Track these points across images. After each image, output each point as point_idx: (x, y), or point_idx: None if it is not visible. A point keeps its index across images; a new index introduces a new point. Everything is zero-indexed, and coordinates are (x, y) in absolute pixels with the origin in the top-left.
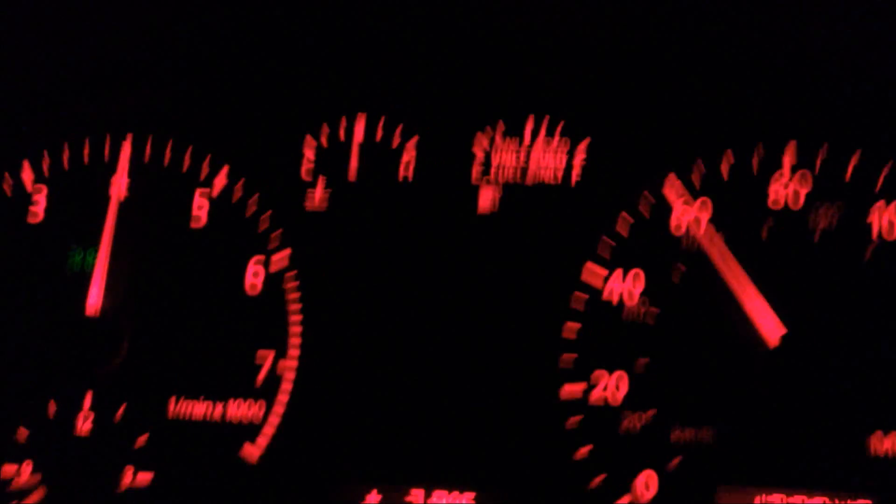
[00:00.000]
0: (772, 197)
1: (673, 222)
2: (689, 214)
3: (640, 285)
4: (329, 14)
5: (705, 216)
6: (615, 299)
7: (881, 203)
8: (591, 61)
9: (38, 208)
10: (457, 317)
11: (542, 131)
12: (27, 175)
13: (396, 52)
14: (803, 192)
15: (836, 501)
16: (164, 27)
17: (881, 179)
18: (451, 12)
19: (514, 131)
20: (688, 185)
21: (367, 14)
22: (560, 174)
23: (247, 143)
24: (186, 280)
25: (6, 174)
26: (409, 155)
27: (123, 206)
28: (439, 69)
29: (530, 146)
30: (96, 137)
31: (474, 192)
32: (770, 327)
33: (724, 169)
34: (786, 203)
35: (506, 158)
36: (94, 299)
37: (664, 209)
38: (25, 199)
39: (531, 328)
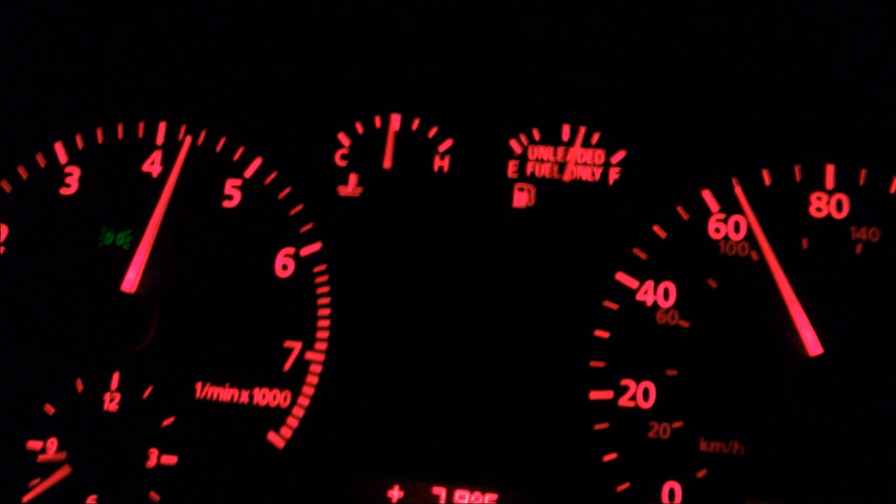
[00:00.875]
0: (811, 212)
1: (711, 229)
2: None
3: (674, 293)
4: (371, 11)
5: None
6: (649, 301)
7: None
8: (630, 72)
9: (71, 188)
10: (487, 313)
11: (578, 140)
12: (61, 154)
13: (434, 53)
14: (842, 213)
15: None
16: (205, 14)
17: None
18: (491, 18)
19: (550, 139)
20: (726, 196)
21: (409, 14)
22: (598, 172)
23: (281, 136)
24: (217, 267)
25: (39, 154)
26: (444, 146)
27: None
28: (477, 74)
29: (568, 145)
30: (132, 120)
31: (510, 186)
32: (813, 338)
33: (765, 182)
34: (825, 219)
35: (543, 154)
36: (133, 277)
37: (702, 216)
38: (58, 178)
39: (561, 328)
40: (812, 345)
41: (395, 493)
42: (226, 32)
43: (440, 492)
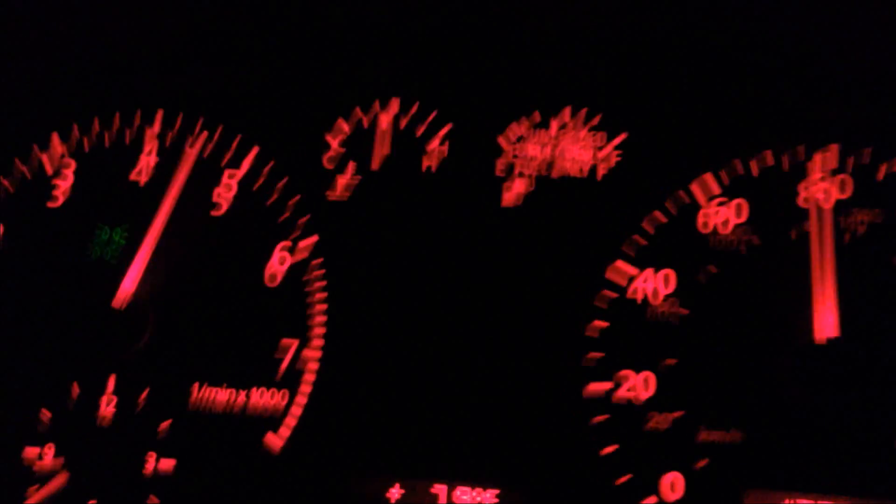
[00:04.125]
0: (803, 196)
1: (700, 221)
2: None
3: (670, 285)
4: (360, 10)
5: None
6: (640, 297)
7: None
8: (629, 57)
9: (62, 190)
10: (481, 311)
11: (575, 122)
12: (55, 152)
13: (430, 41)
14: (837, 195)
15: None
16: (198, 10)
17: None
18: (477, 15)
19: (539, 136)
20: (720, 184)
21: (396, 10)
22: (587, 168)
23: (272, 138)
24: (211, 267)
25: (32, 153)
26: (433, 145)
27: (154, 191)
28: (475, 58)
29: (557, 137)
30: (126, 118)
31: (499, 184)
32: (825, 323)
33: (757, 169)
34: (816, 205)
35: (532, 151)
36: (129, 283)
37: (693, 207)
38: (49, 179)
39: (558, 322)
40: (828, 328)
41: (395, 493)
42: (212, 35)
43: (440, 490)
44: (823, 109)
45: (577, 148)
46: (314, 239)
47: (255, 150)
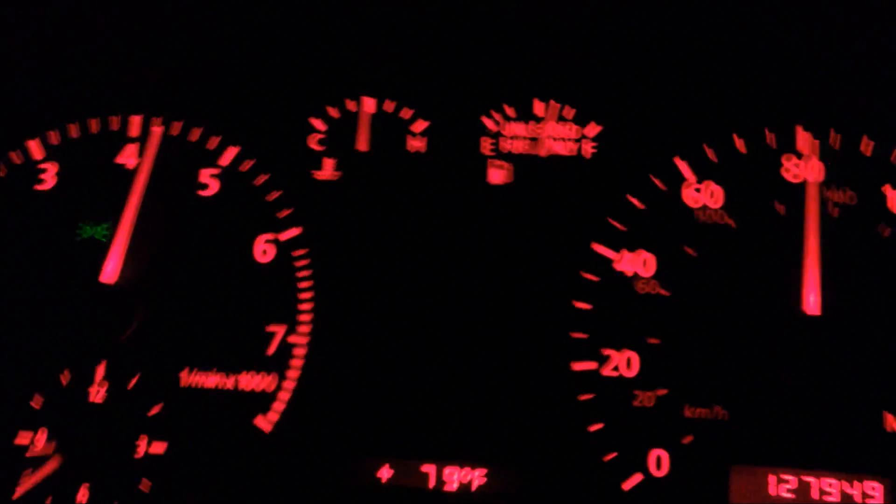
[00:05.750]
0: (792, 173)
1: (687, 197)
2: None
3: (652, 265)
4: None
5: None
6: (629, 272)
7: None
8: (601, 46)
9: (47, 183)
10: (468, 290)
11: (553, 115)
12: (37, 149)
13: (405, 34)
14: (821, 173)
15: (853, 483)
16: (177, 5)
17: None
18: None
19: (524, 115)
20: (701, 165)
21: None
22: (573, 146)
23: (256, 123)
24: (199, 253)
25: (16, 150)
26: (419, 126)
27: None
28: (448, 53)
29: (543, 120)
30: (106, 113)
31: (485, 163)
32: (812, 298)
33: (737, 148)
34: (800, 183)
35: (517, 130)
36: (112, 268)
37: (678, 185)
38: (35, 172)
39: (542, 302)
40: (815, 303)
41: (385, 473)
42: (197, 23)
43: (429, 469)
44: (809, 90)
45: (561, 126)
46: (300, 229)
47: (240, 144)
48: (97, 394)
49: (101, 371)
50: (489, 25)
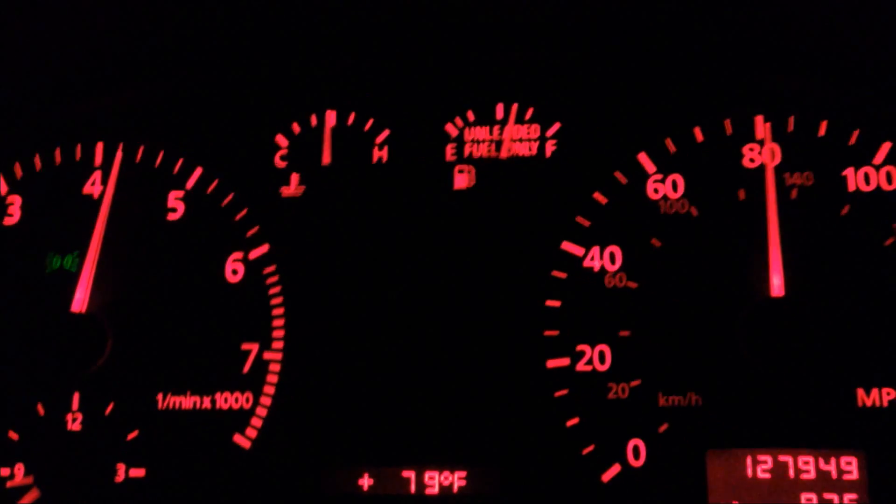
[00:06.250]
0: (748, 157)
1: (649, 190)
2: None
3: (620, 256)
4: (296, 10)
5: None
6: (597, 267)
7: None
8: (556, 45)
9: (14, 217)
10: (438, 296)
11: (512, 117)
12: (0, 183)
13: (364, 46)
14: (777, 157)
15: (829, 459)
16: (131, 31)
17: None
18: (414, 4)
19: (485, 119)
20: (661, 157)
21: (333, 9)
22: (535, 146)
23: (219, 143)
24: (168, 278)
25: None
26: (382, 137)
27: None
28: (407, 62)
29: (503, 122)
30: (69, 143)
31: (449, 170)
32: (776, 278)
33: (697, 138)
34: (759, 168)
35: (479, 134)
36: (80, 297)
37: (640, 179)
38: (4, 198)
39: (513, 303)
40: (777, 287)
41: (366, 481)
42: (154, 47)
43: (410, 475)
44: (765, 76)
45: (522, 128)
46: (267, 246)
47: (203, 165)
48: (74, 422)
49: (76, 400)
50: (445, 32)
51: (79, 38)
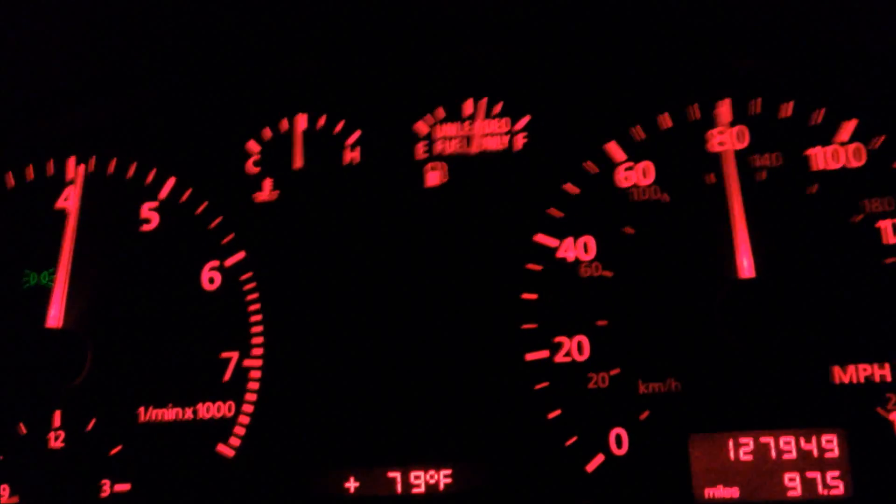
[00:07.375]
0: (714, 141)
1: (619, 178)
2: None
3: (593, 246)
4: (262, 16)
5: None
6: (571, 258)
7: (818, 148)
8: (522, 39)
9: None
10: (415, 294)
11: (481, 112)
12: None
13: (331, 48)
14: (742, 141)
15: (810, 438)
16: (98, 46)
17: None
18: (378, 5)
19: (455, 115)
20: (630, 145)
21: (298, 13)
22: (505, 140)
23: (191, 152)
24: (145, 290)
25: None
26: (352, 139)
27: (79, 222)
28: (375, 62)
29: (472, 118)
30: (41, 159)
31: (420, 168)
32: (745, 260)
33: (663, 127)
34: (727, 151)
35: (449, 131)
36: (56, 312)
37: (609, 168)
38: None
39: (489, 298)
40: (746, 269)
41: (352, 484)
42: (121, 60)
43: (395, 475)
44: (724, 62)
45: (491, 123)
46: (243, 253)
47: (176, 175)
48: (57, 440)
49: (57, 418)
50: (411, 31)
51: (47, 54)
